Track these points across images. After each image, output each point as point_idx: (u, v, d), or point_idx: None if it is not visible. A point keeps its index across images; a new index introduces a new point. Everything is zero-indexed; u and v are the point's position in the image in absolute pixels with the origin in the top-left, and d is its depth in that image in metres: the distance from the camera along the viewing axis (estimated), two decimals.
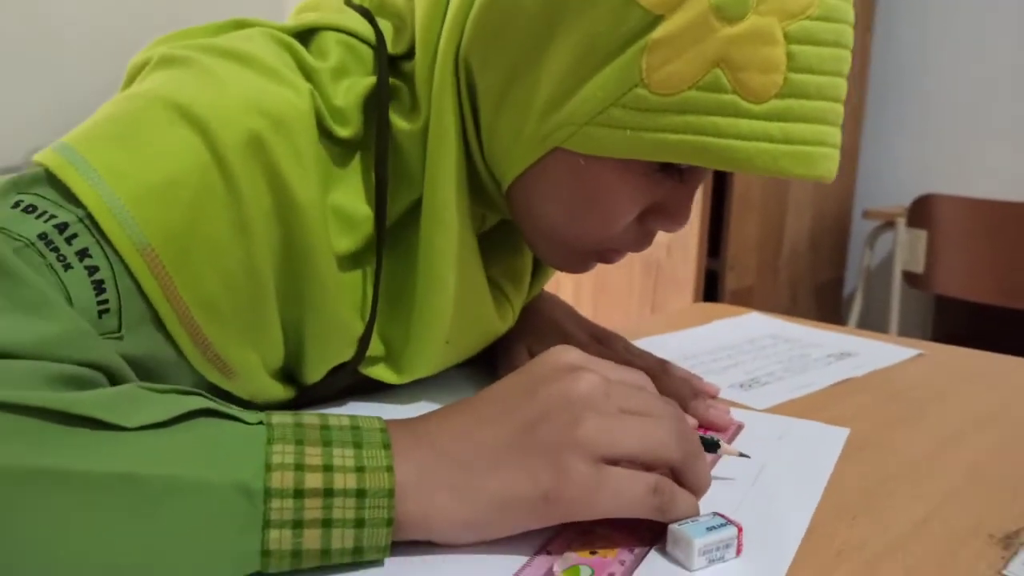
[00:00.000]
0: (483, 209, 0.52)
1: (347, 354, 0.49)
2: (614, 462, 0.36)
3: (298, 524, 0.32)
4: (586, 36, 0.41)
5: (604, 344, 0.62)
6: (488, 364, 0.62)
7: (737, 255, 1.85)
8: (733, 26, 0.39)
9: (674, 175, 0.45)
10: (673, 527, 0.37)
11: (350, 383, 0.52)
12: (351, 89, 0.47)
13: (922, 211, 1.72)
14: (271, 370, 0.48)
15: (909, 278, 1.79)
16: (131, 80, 0.47)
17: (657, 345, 0.72)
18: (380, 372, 0.51)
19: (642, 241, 0.50)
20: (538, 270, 0.64)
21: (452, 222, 0.47)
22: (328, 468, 0.33)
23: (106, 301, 0.38)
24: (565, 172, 0.45)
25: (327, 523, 0.33)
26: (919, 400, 0.61)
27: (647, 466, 0.37)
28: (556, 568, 0.35)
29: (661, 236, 1.73)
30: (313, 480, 0.33)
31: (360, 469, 0.34)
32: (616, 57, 0.41)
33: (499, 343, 0.60)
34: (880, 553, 0.38)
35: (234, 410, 0.35)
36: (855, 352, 0.72)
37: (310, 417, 0.36)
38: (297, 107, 0.44)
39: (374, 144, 0.48)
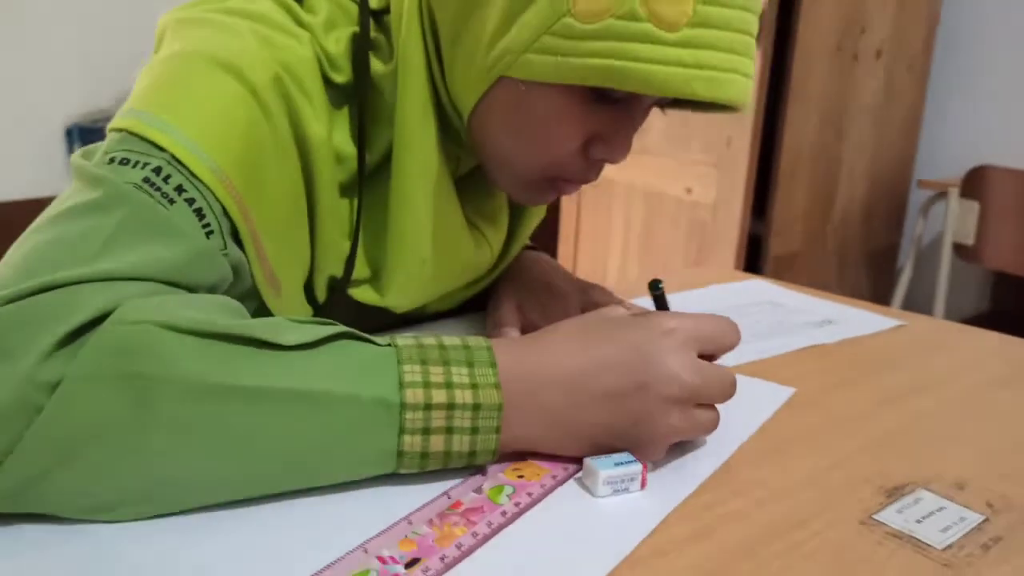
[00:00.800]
0: (456, 149, 0.57)
1: (338, 270, 0.56)
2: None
3: (427, 431, 0.40)
4: None
5: (587, 295, 0.67)
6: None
7: (783, 220, 1.86)
8: None
9: (610, 104, 0.50)
10: (587, 460, 0.43)
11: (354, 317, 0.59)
12: (339, 40, 0.54)
13: (975, 183, 1.69)
14: (302, 284, 0.56)
15: (959, 250, 1.77)
16: (169, 33, 0.54)
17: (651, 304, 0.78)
18: (366, 294, 0.58)
19: (588, 171, 0.55)
20: (519, 217, 0.69)
21: (420, 148, 0.53)
22: (449, 385, 0.41)
23: (208, 224, 0.46)
24: (511, 100, 0.51)
25: (449, 430, 0.41)
26: (875, 365, 0.66)
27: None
28: (484, 486, 0.43)
29: (707, 198, 1.76)
30: (439, 396, 0.40)
31: (474, 386, 0.41)
32: None
33: (488, 299, 0.67)
34: (773, 492, 0.45)
35: (365, 335, 0.43)
36: (837, 320, 0.76)
37: (427, 338, 0.43)
38: (301, 55, 0.51)
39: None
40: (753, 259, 1.89)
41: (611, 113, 0.51)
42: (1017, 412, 0.58)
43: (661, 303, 0.52)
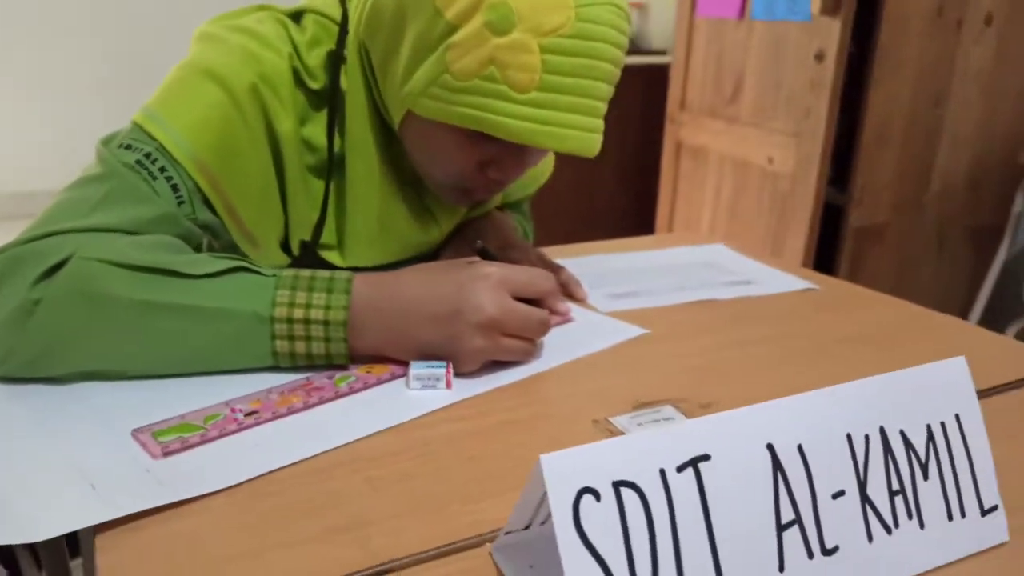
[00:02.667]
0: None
1: (308, 235, 0.74)
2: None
3: (291, 338, 0.58)
4: (417, 36, 0.62)
5: (516, 250, 0.81)
6: None
7: (867, 190, 1.83)
8: (501, 38, 0.58)
9: (493, 138, 0.63)
10: (412, 363, 0.59)
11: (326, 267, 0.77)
12: (319, 55, 0.71)
13: None
14: (278, 241, 0.74)
15: None
16: (194, 43, 0.73)
17: (603, 260, 0.91)
18: (332, 256, 0.76)
19: (490, 186, 0.70)
20: (476, 203, 0.84)
21: (364, 151, 0.70)
22: (308, 306, 0.58)
23: (181, 196, 0.65)
24: (418, 129, 0.66)
25: (308, 339, 0.58)
26: (740, 317, 0.75)
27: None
28: (338, 375, 0.59)
29: (787, 168, 1.81)
30: (298, 313, 0.57)
31: (327, 307, 0.58)
32: (433, 51, 0.61)
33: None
34: (554, 397, 0.58)
35: (257, 266, 0.60)
36: (756, 281, 0.85)
37: (305, 272, 0.60)
38: (278, 67, 0.68)
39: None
40: (831, 231, 1.88)
41: (501, 145, 0.64)
42: (837, 362, 0.65)
43: (488, 255, 0.66)
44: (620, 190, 2.87)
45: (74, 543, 0.87)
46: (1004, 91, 1.93)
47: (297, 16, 0.73)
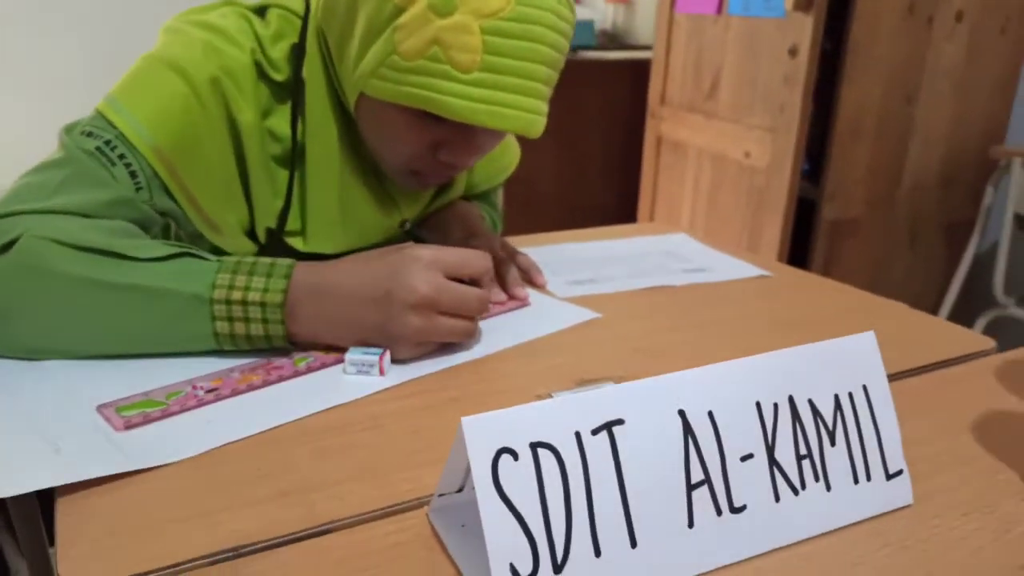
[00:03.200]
0: None
1: (272, 223, 0.77)
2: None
3: (230, 319, 0.60)
4: (367, 19, 0.64)
5: (479, 238, 0.83)
6: None
7: (840, 185, 1.87)
8: (443, 19, 0.60)
9: (441, 120, 0.66)
10: (349, 349, 0.61)
11: (293, 255, 0.79)
12: (283, 47, 0.73)
13: None
14: (242, 229, 0.77)
15: (1020, 221, 1.71)
16: (159, 36, 0.75)
17: (568, 248, 0.94)
18: (296, 242, 0.78)
19: (441, 169, 0.72)
20: (440, 192, 0.86)
21: (324, 139, 0.72)
22: (246, 288, 0.60)
23: (139, 182, 0.68)
24: (370, 111, 0.69)
25: (246, 320, 0.60)
26: (690, 303, 0.78)
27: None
28: (296, 355, 0.62)
29: (763, 162, 1.84)
30: (236, 295, 0.59)
31: (265, 290, 0.60)
32: (382, 33, 0.63)
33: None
34: (495, 377, 0.61)
35: (203, 254, 0.63)
36: (711, 268, 0.88)
37: (249, 258, 0.62)
38: (240, 60, 0.70)
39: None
40: (807, 224, 1.92)
41: (450, 127, 0.67)
42: (775, 343, 0.68)
43: (418, 240, 0.68)
44: (606, 182, 2.90)
45: (52, 531, 0.89)
46: (975, 87, 1.96)
47: (262, 11, 0.75)
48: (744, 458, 0.42)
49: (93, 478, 0.45)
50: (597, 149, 2.80)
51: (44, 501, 0.55)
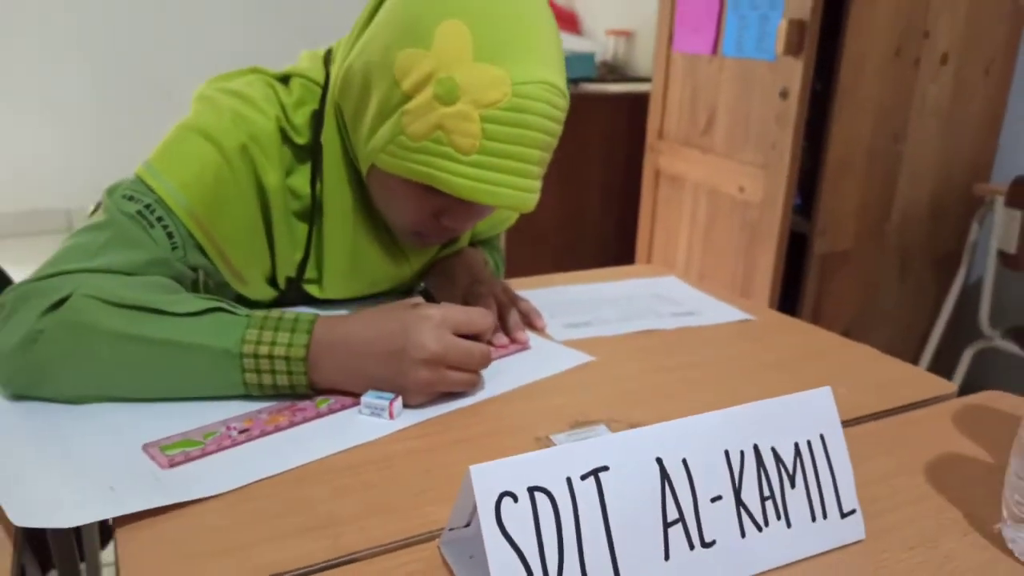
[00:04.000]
0: None
1: (292, 272, 0.84)
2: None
3: (258, 371, 0.67)
4: (379, 101, 0.71)
5: (482, 285, 0.90)
6: None
7: (830, 220, 1.94)
8: (447, 107, 0.67)
9: (441, 191, 0.73)
10: (367, 391, 0.67)
11: (310, 301, 0.86)
12: (304, 114, 0.80)
13: (1019, 192, 1.70)
14: (265, 278, 0.84)
15: (1004, 258, 1.77)
16: (192, 103, 0.82)
17: (564, 291, 1.00)
18: (313, 289, 0.85)
19: (442, 232, 0.79)
20: (446, 243, 0.93)
21: (340, 199, 0.79)
22: (273, 343, 0.66)
23: (175, 242, 0.75)
24: (379, 180, 0.76)
25: (273, 372, 0.67)
26: (678, 346, 0.84)
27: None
28: (318, 398, 0.68)
29: (756, 197, 1.91)
30: (263, 350, 0.66)
31: (289, 345, 0.67)
32: (391, 115, 0.71)
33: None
34: (494, 419, 0.67)
35: (235, 308, 0.69)
36: (699, 312, 0.94)
37: (275, 312, 0.69)
38: (266, 127, 0.78)
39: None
40: (799, 257, 1.98)
41: (451, 198, 0.74)
42: (753, 385, 0.75)
43: (429, 297, 0.75)
44: (605, 212, 2.97)
45: (80, 547, 0.96)
46: (960, 126, 2.04)
47: (285, 79, 0.82)
48: (714, 499, 0.48)
49: (144, 510, 0.51)
50: (597, 179, 2.87)
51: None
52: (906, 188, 2.01)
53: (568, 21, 3.85)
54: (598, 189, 2.90)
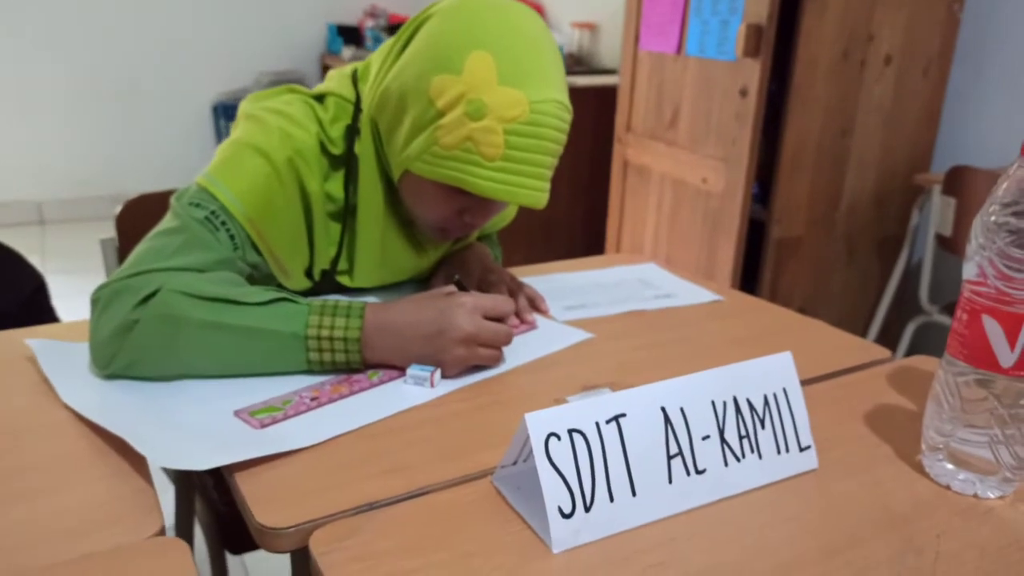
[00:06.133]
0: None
1: (327, 265, 0.96)
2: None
3: (320, 351, 0.80)
4: (415, 117, 0.84)
5: (493, 273, 1.04)
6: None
7: (785, 209, 2.11)
8: (475, 123, 0.81)
9: (467, 192, 0.87)
10: (409, 366, 0.81)
11: (339, 288, 0.99)
12: (339, 128, 0.93)
13: (954, 181, 1.89)
14: (303, 271, 0.97)
15: (941, 241, 1.97)
16: (239, 120, 0.94)
17: (560, 278, 1.14)
18: (344, 279, 0.98)
19: (464, 227, 0.93)
20: (458, 239, 1.07)
21: (372, 202, 0.92)
22: (332, 327, 0.80)
23: (236, 243, 0.87)
24: (412, 184, 0.89)
25: (332, 351, 0.80)
26: (661, 324, 0.99)
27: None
28: (369, 371, 0.82)
29: (718, 188, 2.09)
30: (324, 332, 0.79)
31: (346, 328, 0.80)
32: (426, 129, 0.84)
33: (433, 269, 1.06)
34: (516, 386, 0.81)
35: (295, 297, 0.82)
36: (675, 294, 1.09)
37: (330, 300, 0.82)
38: (307, 142, 0.90)
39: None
40: (757, 243, 2.16)
41: (474, 198, 0.88)
42: (725, 356, 0.90)
43: (462, 287, 0.89)
44: (576, 202, 3.12)
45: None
46: (902, 122, 2.23)
47: (320, 98, 0.95)
48: (704, 438, 0.63)
49: (251, 459, 0.65)
50: (567, 170, 3.02)
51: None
52: (853, 179, 2.20)
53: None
54: (567, 179, 3.05)
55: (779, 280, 2.19)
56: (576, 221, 3.13)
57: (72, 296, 2.79)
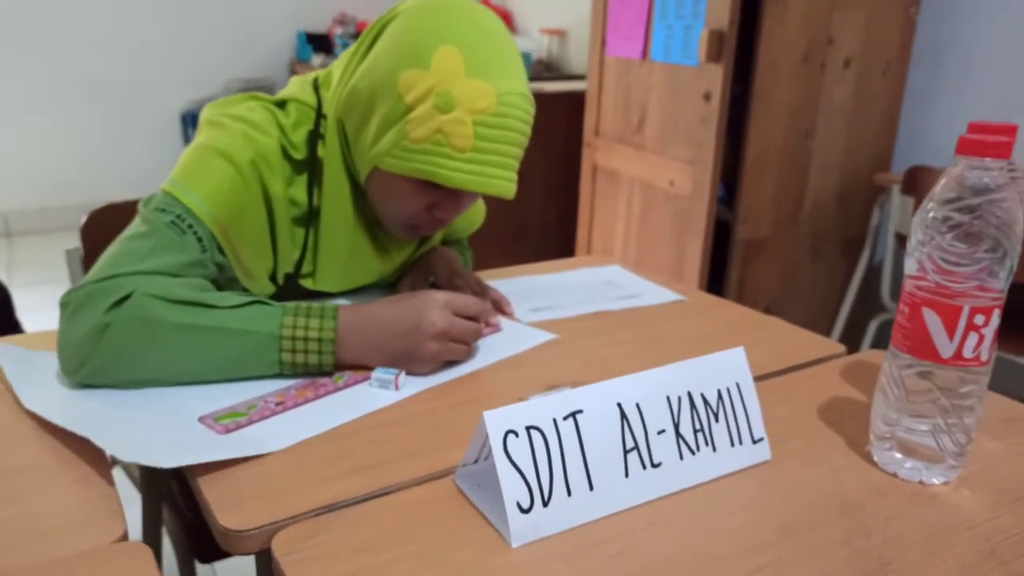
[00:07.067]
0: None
1: (291, 268, 0.97)
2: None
3: (293, 351, 0.81)
4: (384, 114, 0.86)
5: (459, 277, 1.05)
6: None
7: (750, 210, 2.15)
8: (445, 115, 0.82)
9: (437, 186, 0.88)
10: (376, 367, 0.82)
11: (303, 293, 1.00)
12: (301, 133, 0.94)
13: (912, 180, 1.94)
14: (267, 275, 0.97)
15: (900, 239, 2.01)
16: (202, 126, 0.95)
17: (527, 280, 1.16)
18: (307, 282, 0.99)
19: (435, 223, 0.94)
20: (422, 243, 1.08)
21: (337, 203, 0.93)
22: (306, 328, 0.81)
23: (204, 245, 0.87)
24: (380, 181, 0.90)
25: (305, 352, 0.81)
26: (627, 323, 1.01)
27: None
28: (336, 374, 0.83)
29: (685, 190, 2.12)
30: (300, 332, 0.80)
31: (321, 328, 0.81)
32: (396, 124, 0.85)
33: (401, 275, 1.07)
34: (482, 385, 0.83)
35: (267, 301, 0.82)
36: (640, 294, 1.11)
37: (303, 303, 0.83)
38: (270, 146, 0.91)
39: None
40: (724, 243, 2.19)
41: (444, 192, 0.89)
42: (685, 353, 0.92)
43: (436, 287, 0.91)
44: (546, 205, 3.14)
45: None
46: (863, 123, 2.28)
47: (282, 104, 0.95)
48: (660, 432, 0.65)
49: (214, 463, 0.65)
50: (539, 174, 3.04)
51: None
52: (816, 179, 2.24)
53: (503, 20, 3.99)
54: (539, 183, 3.07)
55: (746, 280, 2.23)
56: (549, 225, 3.15)
57: (38, 308, 2.76)
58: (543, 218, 3.15)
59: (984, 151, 0.60)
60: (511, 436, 0.59)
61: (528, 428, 0.60)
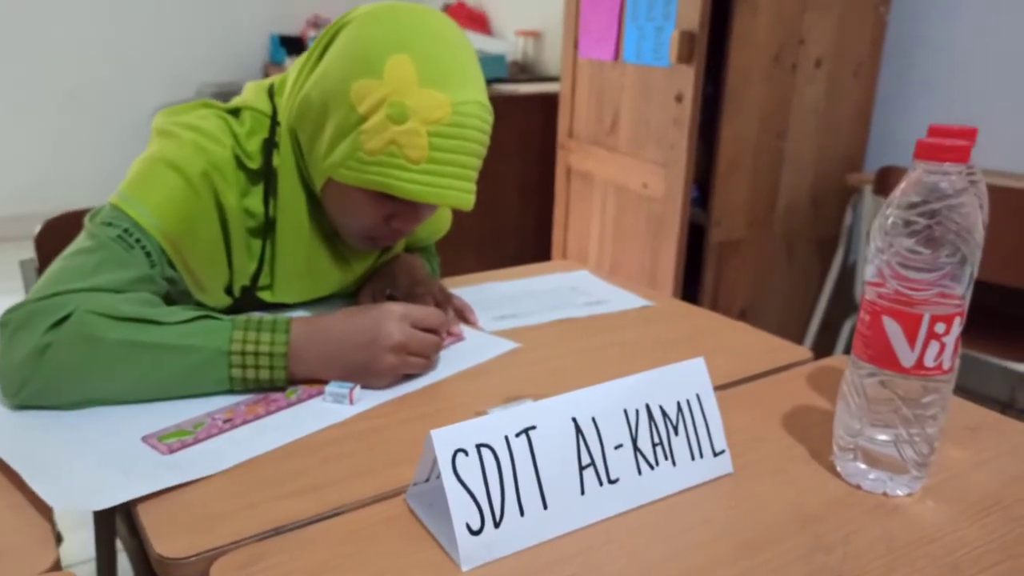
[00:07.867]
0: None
1: (247, 281, 0.94)
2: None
3: (243, 367, 0.78)
4: (337, 123, 0.83)
5: (421, 286, 1.03)
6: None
7: (724, 211, 2.14)
8: (399, 126, 0.80)
9: (395, 197, 0.86)
10: (330, 381, 0.80)
11: (260, 305, 0.98)
12: (255, 142, 0.91)
13: (884, 180, 1.94)
14: (223, 287, 0.94)
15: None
16: (153, 136, 0.92)
17: (492, 287, 1.14)
18: (265, 294, 0.96)
19: (393, 235, 0.92)
20: (383, 251, 1.05)
21: (292, 214, 0.90)
22: (257, 342, 0.78)
23: (152, 260, 0.84)
24: (335, 192, 0.88)
25: (256, 367, 0.78)
26: (591, 330, 0.99)
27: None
28: (288, 389, 0.80)
29: (658, 192, 2.09)
30: (249, 348, 0.77)
31: (272, 343, 0.78)
32: (349, 135, 0.82)
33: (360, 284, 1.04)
34: (443, 398, 0.80)
35: (216, 315, 0.80)
36: (606, 301, 1.10)
37: (254, 316, 0.80)
38: (223, 155, 0.88)
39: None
40: (698, 245, 2.18)
41: (401, 203, 0.87)
42: (652, 360, 0.90)
43: (393, 299, 0.88)
44: (523, 207, 3.12)
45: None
46: (835, 123, 2.28)
47: (236, 111, 0.93)
48: (617, 447, 0.63)
49: (160, 489, 0.63)
50: (514, 176, 3.02)
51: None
52: (789, 180, 2.24)
53: (478, 22, 3.97)
54: (515, 185, 3.05)
55: (721, 282, 2.22)
56: (526, 228, 3.13)
57: None
58: (520, 220, 3.13)
59: (942, 155, 0.59)
60: (460, 455, 0.57)
61: (479, 446, 0.58)
